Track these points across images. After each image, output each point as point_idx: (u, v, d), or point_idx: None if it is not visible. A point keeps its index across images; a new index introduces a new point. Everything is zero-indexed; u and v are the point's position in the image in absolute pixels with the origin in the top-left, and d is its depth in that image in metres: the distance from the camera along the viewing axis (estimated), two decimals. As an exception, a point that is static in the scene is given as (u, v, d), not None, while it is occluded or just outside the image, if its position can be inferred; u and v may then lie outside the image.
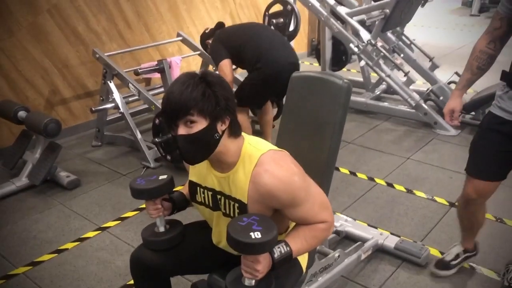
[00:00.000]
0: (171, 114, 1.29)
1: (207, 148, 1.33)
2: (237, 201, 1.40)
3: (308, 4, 4.46)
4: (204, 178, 1.48)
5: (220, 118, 1.31)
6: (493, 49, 1.90)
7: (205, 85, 1.28)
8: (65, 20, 3.81)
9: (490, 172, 1.95)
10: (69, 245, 2.58)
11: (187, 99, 1.25)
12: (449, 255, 2.25)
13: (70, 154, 3.70)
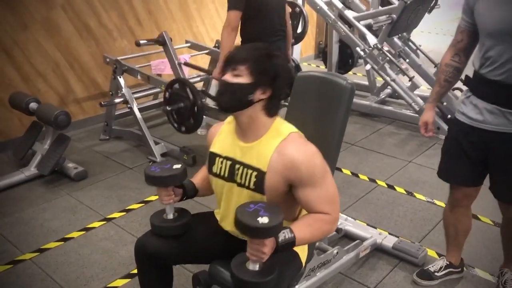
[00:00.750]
0: (229, 59, 1.45)
1: (238, 103, 1.43)
2: (256, 170, 1.47)
3: (317, 7, 4.51)
4: (226, 149, 1.56)
5: (262, 86, 1.43)
6: (458, 62, 1.96)
7: (266, 53, 1.44)
8: (77, 15, 3.89)
9: (458, 177, 2.02)
10: (75, 234, 2.65)
11: (244, 54, 1.42)
12: (434, 266, 2.28)
13: (79, 146, 3.78)
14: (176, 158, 3.52)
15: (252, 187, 1.48)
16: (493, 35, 1.75)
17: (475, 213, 2.82)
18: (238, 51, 1.45)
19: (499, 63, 1.74)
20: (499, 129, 1.80)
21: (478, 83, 1.86)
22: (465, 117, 1.90)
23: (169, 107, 3.15)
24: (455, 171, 2.02)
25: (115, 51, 4.20)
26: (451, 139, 2.01)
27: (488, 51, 1.78)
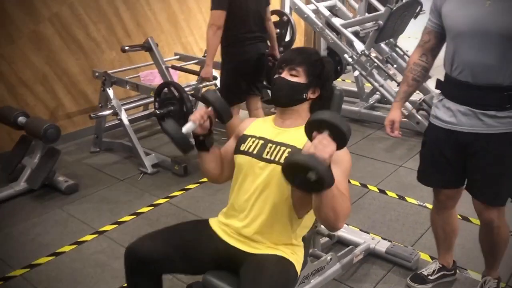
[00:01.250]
0: (286, 61, 1.64)
1: (292, 99, 1.63)
2: (290, 147, 1.57)
3: (304, 15, 4.56)
4: (261, 131, 1.67)
5: (314, 86, 1.64)
6: (426, 62, 1.99)
7: (319, 59, 1.66)
8: (65, 28, 3.89)
9: (439, 181, 2.04)
10: (67, 248, 2.62)
11: (303, 56, 1.63)
12: (427, 269, 2.29)
13: (69, 159, 3.75)
14: (167, 169, 3.51)
15: (282, 161, 1.52)
16: (462, 36, 1.76)
17: (465, 215, 2.85)
18: (295, 54, 1.65)
19: (468, 65, 1.76)
20: (473, 130, 1.82)
21: (449, 85, 1.88)
22: (439, 121, 1.91)
23: (159, 111, 3.15)
24: (435, 175, 2.03)
25: (104, 63, 4.19)
26: (428, 143, 2.03)
27: (457, 53, 1.80)
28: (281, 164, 1.48)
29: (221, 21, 2.99)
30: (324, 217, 1.38)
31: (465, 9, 1.74)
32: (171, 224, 2.73)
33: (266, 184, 1.59)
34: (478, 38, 1.72)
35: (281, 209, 1.58)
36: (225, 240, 1.66)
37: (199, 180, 3.35)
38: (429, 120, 2.00)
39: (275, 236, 1.61)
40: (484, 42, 1.71)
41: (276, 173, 1.56)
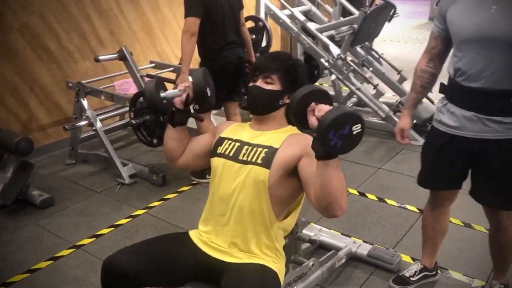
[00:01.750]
0: (260, 69, 1.64)
1: (268, 106, 1.63)
2: (266, 147, 1.57)
3: (279, 21, 4.57)
4: (237, 134, 1.68)
5: (289, 92, 1.61)
6: (433, 67, 1.98)
7: (292, 63, 1.64)
8: (36, 38, 3.80)
9: (441, 184, 2.03)
10: (42, 264, 2.54)
11: (277, 63, 1.62)
12: (409, 271, 2.28)
13: (44, 173, 3.66)
14: (145, 179, 3.45)
15: (259, 161, 1.54)
16: (466, 42, 1.75)
17: (445, 216, 2.87)
18: (269, 61, 1.64)
19: (474, 71, 1.74)
20: (479, 136, 1.80)
21: (454, 90, 1.86)
22: (443, 126, 1.90)
23: (135, 121, 3.10)
24: (436, 178, 2.02)
25: (78, 73, 4.12)
26: (430, 147, 2.01)
27: (462, 59, 1.78)
28: (257, 164, 1.53)
29: (195, 28, 2.97)
30: (333, 193, 1.34)
31: (470, 15, 1.72)
32: (149, 236, 2.71)
33: (242, 186, 1.56)
34: (483, 44, 1.70)
35: (259, 212, 1.56)
36: (204, 250, 1.63)
37: (178, 189, 3.31)
38: (432, 124, 1.98)
39: (254, 242, 1.58)
40: (490, 48, 1.69)
41: (253, 174, 1.54)
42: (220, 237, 1.62)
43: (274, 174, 1.52)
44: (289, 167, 1.53)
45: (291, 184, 1.55)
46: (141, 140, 3.22)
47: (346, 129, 1.29)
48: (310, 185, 1.44)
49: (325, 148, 1.31)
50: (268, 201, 1.54)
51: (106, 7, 4.26)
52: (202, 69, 1.73)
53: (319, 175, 1.36)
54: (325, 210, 1.40)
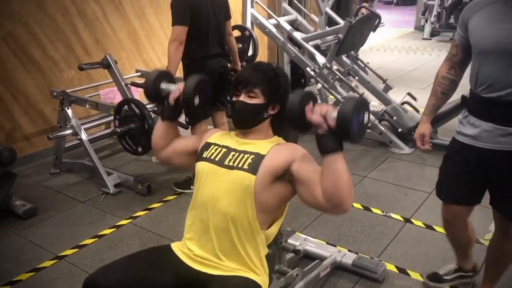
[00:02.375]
0: (242, 83, 1.62)
1: (254, 120, 1.63)
2: (253, 154, 1.57)
3: (266, 30, 4.59)
4: (224, 141, 1.68)
5: (273, 103, 1.63)
6: (454, 75, 1.99)
7: (273, 74, 1.63)
8: (21, 47, 3.77)
9: (457, 196, 2.02)
10: (24, 276, 2.50)
11: (257, 77, 1.60)
12: (443, 269, 2.31)
13: (27, 182, 3.62)
14: (130, 188, 3.42)
15: (246, 167, 1.54)
16: (486, 53, 1.77)
17: (429, 224, 2.89)
18: (250, 74, 1.62)
19: (492, 81, 1.76)
20: (497, 147, 1.81)
21: (474, 101, 1.87)
22: (463, 137, 1.91)
23: (119, 129, 3.09)
24: (456, 191, 2.01)
25: (63, 82, 4.09)
26: (450, 159, 2.02)
27: (481, 69, 1.80)
28: (243, 170, 1.53)
29: (183, 36, 2.97)
30: (346, 188, 1.39)
31: (491, 26, 1.74)
32: (133, 246, 2.71)
33: (226, 191, 1.55)
34: (503, 56, 1.72)
35: (243, 219, 1.54)
36: (187, 263, 1.61)
37: (163, 198, 3.29)
38: (454, 136, 1.99)
39: (237, 249, 1.56)
40: (508, 60, 1.71)
41: (238, 179, 1.53)
42: (202, 245, 1.60)
43: (260, 180, 1.51)
44: (276, 172, 1.52)
45: (276, 191, 1.55)
46: (126, 148, 3.20)
47: (361, 116, 1.40)
48: (313, 186, 1.44)
49: (346, 137, 1.38)
50: (253, 208, 1.53)
51: (92, 16, 4.25)
52: (198, 78, 1.72)
53: (331, 171, 1.39)
54: (337, 207, 1.41)
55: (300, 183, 1.50)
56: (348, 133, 1.36)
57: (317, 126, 1.41)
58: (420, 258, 2.57)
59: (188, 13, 2.95)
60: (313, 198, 1.45)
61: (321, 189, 1.42)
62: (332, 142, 1.39)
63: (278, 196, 1.56)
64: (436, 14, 9.91)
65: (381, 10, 14.31)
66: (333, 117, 1.38)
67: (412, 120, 4.25)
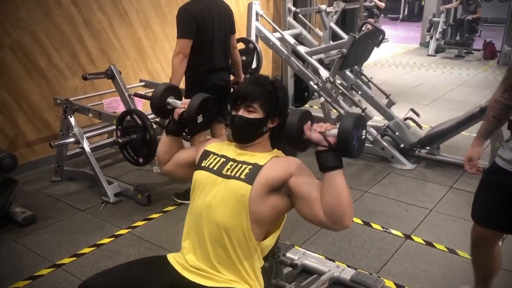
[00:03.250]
0: (241, 98, 1.62)
1: (253, 134, 1.64)
2: (251, 164, 1.57)
3: (270, 43, 4.62)
4: (223, 150, 1.68)
5: (272, 117, 1.64)
6: (507, 99, 1.92)
7: (272, 88, 1.63)
8: (27, 55, 3.81)
9: (490, 220, 1.98)
10: (20, 283, 2.49)
11: (256, 92, 1.60)
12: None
13: (28, 189, 3.62)
14: (130, 197, 3.42)
15: (242, 177, 1.54)
16: None
17: (430, 241, 2.86)
18: (249, 88, 1.62)
19: None
20: None
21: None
22: (502, 160, 1.89)
23: (121, 139, 3.10)
24: (489, 214, 1.97)
25: (67, 90, 4.12)
26: (487, 182, 1.99)
27: None
28: (240, 179, 1.54)
29: (187, 49, 2.99)
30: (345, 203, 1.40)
31: None
32: (131, 256, 2.69)
33: (222, 200, 1.55)
34: None
35: (237, 229, 1.53)
36: (182, 274, 1.60)
37: (163, 209, 3.28)
38: (494, 159, 1.96)
39: (231, 260, 1.55)
40: None
41: (234, 188, 1.53)
42: (198, 253, 1.59)
43: (256, 190, 1.51)
44: (273, 184, 1.52)
45: (272, 203, 1.54)
46: (127, 158, 3.20)
47: (360, 131, 1.43)
48: (312, 202, 1.44)
49: (347, 153, 1.40)
50: (248, 218, 1.52)
51: (98, 26, 4.30)
52: (202, 97, 1.73)
53: (331, 187, 1.41)
54: (337, 223, 1.42)
55: (299, 198, 1.49)
56: (349, 149, 1.39)
57: (317, 143, 1.44)
58: (419, 275, 2.55)
59: (193, 27, 2.97)
60: (313, 214, 1.45)
61: (321, 205, 1.42)
62: (332, 159, 1.42)
63: (273, 208, 1.55)
64: (441, 31, 9.96)
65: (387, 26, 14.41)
66: (333, 134, 1.41)
67: (414, 136, 4.25)
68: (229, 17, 3.22)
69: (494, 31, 11.52)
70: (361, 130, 1.43)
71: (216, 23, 3.09)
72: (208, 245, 1.56)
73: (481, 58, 9.72)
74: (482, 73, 8.20)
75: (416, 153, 4.22)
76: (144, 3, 4.70)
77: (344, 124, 1.38)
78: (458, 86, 7.14)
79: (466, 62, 9.40)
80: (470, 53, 10.09)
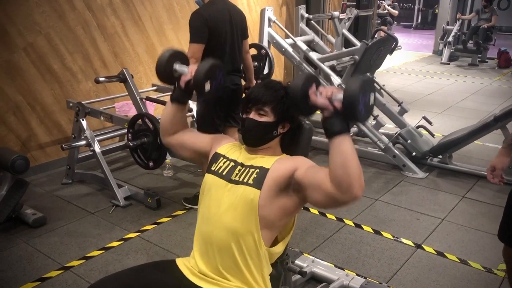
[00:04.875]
0: (252, 101, 1.62)
1: (263, 138, 1.63)
2: (258, 168, 1.58)
3: (282, 49, 4.62)
4: (232, 154, 1.68)
5: (283, 122, 1.64)
6: None
7: (284, 92, 1.61)
8: (41, 58, 3.85)
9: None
10: (29, 285, 2.50)
11: (268, 96, 1.60)
12: None
13: (39, 191, 3.65)
14: (140, 201, 3.43)
15: (251, 182, 1.54)
16: None
17: (441, 251, 2.82)
18: (261, 92, 1.62)
19: None
20: None
21: None
22: None
23: (132, 143, 3.10)
24: None
25: (79, 93, 4.15)
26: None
27: None
28: (249, 185, 1.53)
29: (199, 54, 2.99)
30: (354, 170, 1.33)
31: None
32: (140, 260, 2.69)
33: (231, 206, 1.54)
34: None
35: (247, 234, 1.52)
36: (189, 278, 1.59)
37: (172, 213, 3.28)
38: None
39: (239, 266, 1.53)
40: None
41: (243, 194, 1.52)
42: (205, 259, 1.58)
43: (265, 193, 1.51)
44: (281, 183, 1.51)
45: (281, 204, 1.53)
46: (138, 162, 3.21)
47: (367, 96, 1.37)
48: (320, 181, 1.39)
49: (353, 117, 1.35)
50: (257, 223, 1.51)
51: (112, 30, 4.33)
52: (211, 63, 1.70)
53: (338, 153, 1.34)
54: (346, 192, 1.33)
55: (307, 187, 1.45)
56: (355, 113, 1.33)
57: (323, 108, 1.39)
58: (430, 285, 2.51)
59: (206, 31, 2.98)
60: (322, 192, 1.38)
61: (329, 175, 1.36)
62: (338, 124, 1.36)
63: (282, 210, 1.53)
64: (454, 40, 9.89)
65: (400, 34, 14.36)
66: (339, 98, 1.35)
67: (427, 144, 4.21)
68: (242, 22, 3.22)
69: (509, 39, 11.42)
70: (368, 95, 1.37)
71: (228, 28, 3.09)
72: (215, 252, 1.55)
73: (495, 67, 9.62)
74: (496, 82, 8.12)
75: (428, 162, 4.18)
76: (157, 8, 4.74)
77: (349, 88, 1.32)
78: (471, 95, 7.07)
79: (480, 70, 9.31)
80: (484, 61, 9.99)
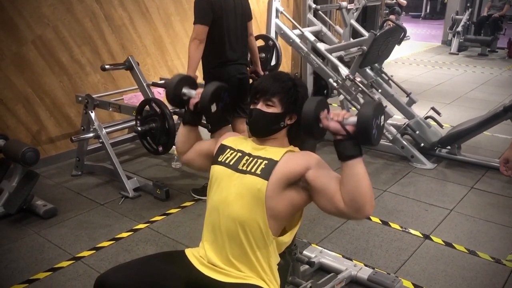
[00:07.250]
0: (260, 91, 1.63)
1: (270, 129, 1.64)
2: (266, 159, 1.57)
3: (290, 40, 4.60)
4: (239, 145, 1.69)
5: (290, 113, 1.64)
6: None
7: (292, 84, 1.63)
8: (49, 51, 3.87)
9: None
10: (41, 275, 2.54)
11: (276, 87, 1.61)
12: None
13: (49, 183, 3.68)
14: (149, 192, 3.45)
15: (258, 172, 1.54)
16: None
17: (449, 242, 2.82)
18: (269, 83, 1.62)
19: None
20: None
21: None
22: None
23: (140, 128, 3.10)
24: None
25: (88, 85, 4.17)
26: None
27: None
28: (256, 175, 1.54)
29: (203, 35, 2.99)
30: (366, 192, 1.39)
31: None
32: (149, 250, 2.72)
33: (238, 196, 1.55)
34: None
35: (254, 224, 1.53)
36: (199, 269, 1.61)
37: (181, 204, 3.30)
38: None
39: (247, 255, 1.55)
40: None
41: (250, 184, 1.53)
42: (215, 249, 1.60)
43: (272, 185, 1.51)
44: (289, 179, 1.52)
45: (289, 198, 1.54)
46: (146, 147, 3.18)
47: (379, 118, 1.41)
48: (332, 193, 1.44)
49: (367, 141, 1.37)
50: (264, 213, 1.52)
51: (119, 22, 4.34)
52: (215, 86, 1.75)
53: (351, 176, 1.40)
54: (358, 211, 1.40)
55: (317, 191, 1.49)
56: (369, 138, 1.36)
57: (335, 132, 1.42)
58: (438, 276, 2.51)
59: (210, 14, 2.97)
60: (333, 205, 1.44)
61: (341, 195, 1.42)
62: (351, 148, 1.40)
63: (290, 203, 1.54)
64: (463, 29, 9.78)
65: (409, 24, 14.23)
66: (351, 122, 1.39)
67: (435, 135, 4.18)
68: (246, 4, 3.23)
69: (519, 29, 11.27)
70: (379, 117, 1.41)
71: (232, 12, 3.08)
72: (225, 240, 1.57)
73: (505, 57, 9.52)
74: (506, 72, 8.04)
75: (437, 153, 4.16)
76: (165, 0, 4.73)
77: (364, 113, 1.36)
78: (481, 85, 7.01)
79: (490, 60, 9.22)
80: (494, 51, 9.88)
